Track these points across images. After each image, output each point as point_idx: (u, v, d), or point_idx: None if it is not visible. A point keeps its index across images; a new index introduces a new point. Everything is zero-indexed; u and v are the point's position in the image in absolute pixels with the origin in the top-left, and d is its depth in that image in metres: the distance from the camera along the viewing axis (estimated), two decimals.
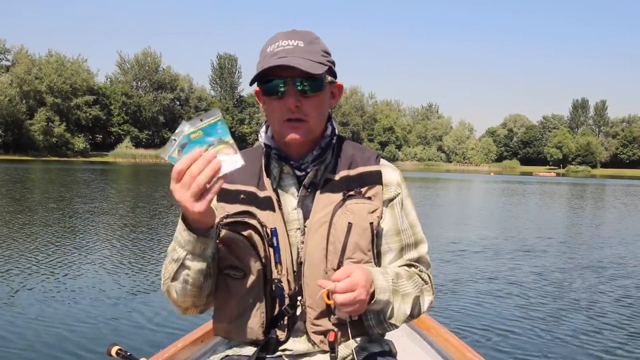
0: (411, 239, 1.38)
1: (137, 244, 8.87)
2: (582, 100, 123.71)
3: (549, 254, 9.47)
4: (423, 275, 1.38)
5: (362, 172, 1.35)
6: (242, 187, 1.34)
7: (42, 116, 62.40)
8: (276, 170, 1.36)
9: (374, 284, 1.22)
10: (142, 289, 6.00)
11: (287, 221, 1.33)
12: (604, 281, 7.33)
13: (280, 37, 1.28)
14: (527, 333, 4.94)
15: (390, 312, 1.28)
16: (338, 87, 1.39)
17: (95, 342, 4.27)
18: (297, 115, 1.27)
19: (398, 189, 1.38)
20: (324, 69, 1.26)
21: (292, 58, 1.23)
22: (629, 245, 10.88)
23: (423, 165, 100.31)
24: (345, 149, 1.39)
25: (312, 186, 1.34)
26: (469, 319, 5.31)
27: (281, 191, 1.35)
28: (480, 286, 6.71)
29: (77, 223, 10.94)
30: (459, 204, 22.07)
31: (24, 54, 66.83)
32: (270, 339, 1.33)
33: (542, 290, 6.68)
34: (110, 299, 5.54)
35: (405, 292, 1.30)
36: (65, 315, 4.97)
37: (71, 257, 7.50)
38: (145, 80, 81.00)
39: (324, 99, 1.31)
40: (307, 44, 1.27)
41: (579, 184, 44.67)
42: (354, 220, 1.28)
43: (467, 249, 9.58)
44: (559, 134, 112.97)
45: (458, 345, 2.20)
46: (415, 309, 1.33)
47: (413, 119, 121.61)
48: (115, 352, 1.75)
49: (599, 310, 5.84)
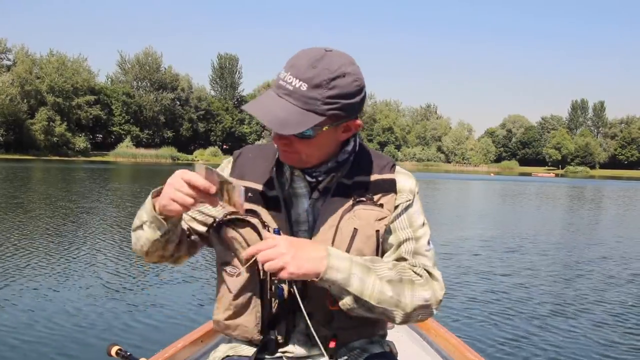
0: (409, 235, 1.33)
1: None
2: (581, 101, 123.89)
3: (549, 254, 9.47)
4: (416, 269, 1.29)
5: (376, 179, 1.32)
6: (251, 184, 1.32)
7: (43, 116, 62.49)
8: (288, 172, 1.33)
9: (326, 251, 1.18)
10: (142, 289, 6.00)
11: (296, 222, 1.31)
12: (605, 281, 7.33)
13: (295, 64, 1.18)
14: (527, 333, 4.93)
15: (359, 285, 1.18)
16: (354, 125, 1.26)
17: (95, 342, 4.26)
18: (286, 149, 1.24)
19: (410, 196, 1.35)
20: (310, 124, 1.15)
21: (276, 107, 1.16)
22: (630, 245, 10.88)
23: (422, 166, 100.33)
24: (362, 156, 1.36)
25: (326, 190, 1.31)
26: (469, 319, 5.31)
27: (293, 192, 1.33)
28: (480, 286, 6.71)
29: (77, 222, 10.93)
30: (461, 204, 22.06)
31: (24, 53, 66.86)
32: (268, 340, 1.32)
33: (542, 290, 6.68)
34: (110, 299, 5.53)
35: (383, 275, 1.21)
36: (64, 315, 4.97)
37: (70, 257, 7.49)
38: (146, 80, 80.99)
39: (320, 141, 1.23)
40: (312, 88, 1.15)
41: (579, 186, 44.67)
42: (359, 226, 1.26)
43: (467, 249, 9.58)
44: (557, 135, 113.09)
45: (458, 345, 2.20)
46: (399, 299, 1.21)
47: (412, 119, 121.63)
48: (115, 352, 1.75)
49: (599, 310, 5.83)
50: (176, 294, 5.75)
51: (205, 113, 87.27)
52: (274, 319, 1.32)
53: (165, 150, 72.32)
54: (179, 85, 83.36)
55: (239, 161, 1.39)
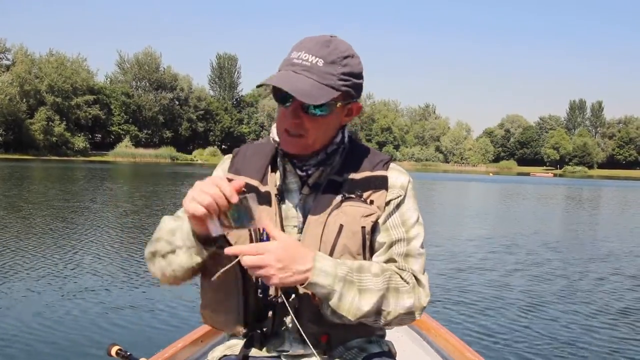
0: (402, 235, 1.31)
1: (137, 243, 8.86)
2: (579, 101, 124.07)
3: (549, 254, 9.47)
4: (404, 275, 1.28)
5: (367, 176, 1.32)
6: (246, 179, 1.32)
7: (42, 115, 62.42)
8: (281, 167, 1.35)
9: (314, 264, 1.17)
10: (142, 289, 6.00)
11: (286, 218, 1.32)
12: (605, 280, 7.34)
13: (306, 45, 1.24)
14: (527, 333, 4.94)
15: (337, 301, 1.19)
16: (356, 107, 1.32)
17: (95, 342, 4.26)
18: (295, 131, 1.25)
19: (401, 191, 1.33)
20: (330, 97, 1.20)
21: (298, 81, 1.19)
22: (629, 244, 10.90)
23: (420, 166, 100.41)
24: (355, 152, 1.37)
25: (316, 186, 1.32)
26: (469, 319, 5.32)
27: (285, 188, 1.35)
28: (480, 286, 6.71)
29: (77, 222, 10.91)
30: (463, 204, 22.07)
31: (23, 53, 66.76)
32: (254, 334, 1.32)
33: (542, 290, 6.68)
34: (110, 299, 5.53)
35: (365, 288, 1.20)
36: (64, 315, 4.96)
37: (70, 257, 7.48)
38: (145, 80, 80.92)
39: (330, 120, 1.27)
40: (328, 64, 1.21)
41: (580, 186, 44.68)
42: (345, 222, 1.26)
43: (467, 249, 9.59)
44: (556, 135, 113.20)
45: (458, 345, 2.21)
46: (382, 308, 1.23)
47: (411, 119, 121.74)
48: (115, 352, 1.75)
49: (600, 309, 5.84)
50: (176, 294, 5.74)
51: (204, 113, 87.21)
52: (260, 313, 1.31)
53: (165, 150, 72.29)
54: (177, 85, 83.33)
55: (237, 158, 1.42)
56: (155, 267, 1.32)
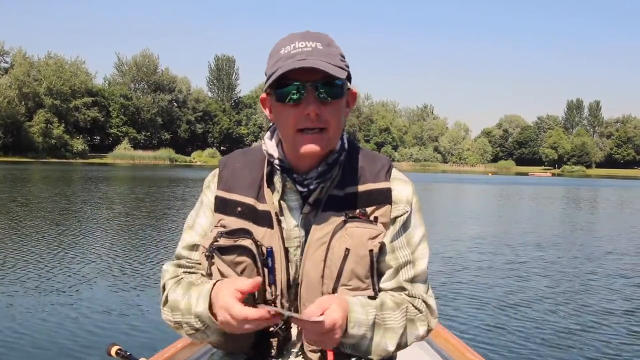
0: (408, 257, 1.27)
1: (137, 243, 8.85)
2: (576, 100, 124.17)
3: (549, 254, 9.47)
4: (416, 303, 1.27)
5: (370, 189, 1.25)
6: (239, 197, 1.25)
7: (41, 118, 62.48)
8: (279, 184, 1.26)
9: (349, 316, 1.14)
10: (142, 289, 5.99)
11: (288, 238, 1.24)
12: (605, 280, 7.34)
13: (295, 38, 1.17)
14: (527, 333, 4.94)
15: (367, 346, 1.19)
16: (352, 94, 1.27)
17: (95, 342, 4.26)
18: (317, 124, 1.16)
19: (407, 207, 1.27)
20: (344, 73, 1.15)
21: (315, 60, 1.12)
22: (629, 244, 10.91)
23: (419, 166, 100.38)
24: (354, 161, 1.29)
25: (317, 203, 1.24)
26: (469, 319, 5.32)
27: (284, 206, 1.26)
28: (480, 286, 6.71)
29: (76, 223, 10.90)
30: (464, 205, 22.08)
31: (22, 55, 66.75)
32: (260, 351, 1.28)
33: (542, 290, 6.68)
34: (110, 299, 5.53)
35: (389, 326, 1.20)
36: (64, 315, 4.96)
37: (70, 257, 7.47)
38: (143, 82, 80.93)
39: (342, 107, 1.21)
40: (326, 46, 1.17)
41: (580, 186, 44.71)
42: (352, 246, 1.20)
43: (467, 249, 9.59)
44: (554, 135, 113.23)
45: (458, 345, 2.21)
46: (402, 343, 1.24)
47: (409, 119, 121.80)
48: (115, 352, 1.76)
49: (600, 309, 5.84)
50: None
51: (202, 114, 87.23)
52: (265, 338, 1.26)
53: (163, 151, 72.24)
54: (176, 87, 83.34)
55: (225, 173, 1.31)
56: (182, 332, 1.26)
